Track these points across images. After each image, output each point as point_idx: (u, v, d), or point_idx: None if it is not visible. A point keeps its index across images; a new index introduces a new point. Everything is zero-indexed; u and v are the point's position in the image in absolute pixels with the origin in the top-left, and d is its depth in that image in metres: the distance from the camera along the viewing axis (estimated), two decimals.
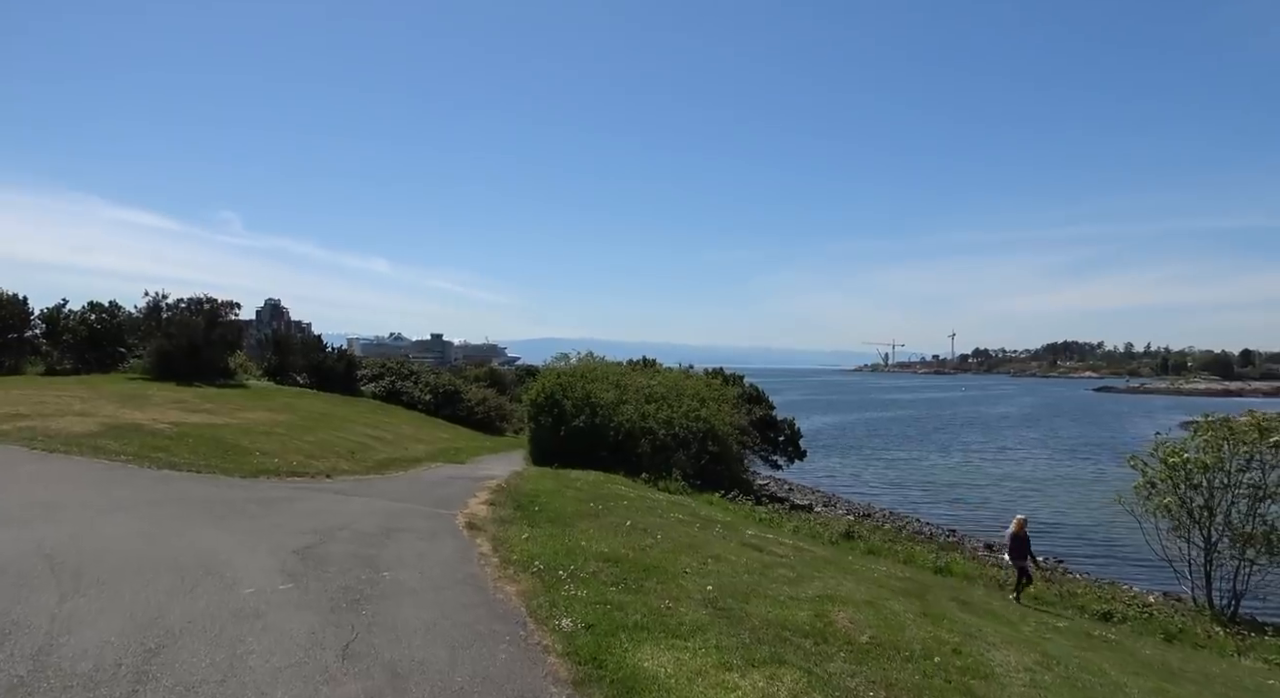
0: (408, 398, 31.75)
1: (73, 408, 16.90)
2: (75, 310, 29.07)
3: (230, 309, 29.69)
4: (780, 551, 11.69)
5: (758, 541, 12.15)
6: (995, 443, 57.87)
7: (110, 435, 13.99)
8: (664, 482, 20.27)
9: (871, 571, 11.95)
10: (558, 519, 10.15)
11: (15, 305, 27.66)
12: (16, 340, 28.25)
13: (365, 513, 9.57)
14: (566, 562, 7.28)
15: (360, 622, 5.35)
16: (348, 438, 19.06)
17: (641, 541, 8.98)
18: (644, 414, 22.01)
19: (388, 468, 16.01)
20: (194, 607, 5.43)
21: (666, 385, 24.26)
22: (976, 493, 35.41)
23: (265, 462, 13.77)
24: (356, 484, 12.82)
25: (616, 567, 7.28)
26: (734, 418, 24.52)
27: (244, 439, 15.65)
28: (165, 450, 13.43)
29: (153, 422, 16.02)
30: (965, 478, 40.04)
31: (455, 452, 22.04)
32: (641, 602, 6.08)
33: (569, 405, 21.43)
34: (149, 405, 18.74)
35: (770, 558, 10.16)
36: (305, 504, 9.90)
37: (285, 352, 33.62)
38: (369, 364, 34.98)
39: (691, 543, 9.52)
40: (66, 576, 5.98)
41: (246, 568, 6.52)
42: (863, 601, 7.33)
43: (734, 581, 7.38)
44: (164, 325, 27.89)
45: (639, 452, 21.18)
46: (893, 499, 33.73)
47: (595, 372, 23.66)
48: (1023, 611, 11.74)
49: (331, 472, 14.00)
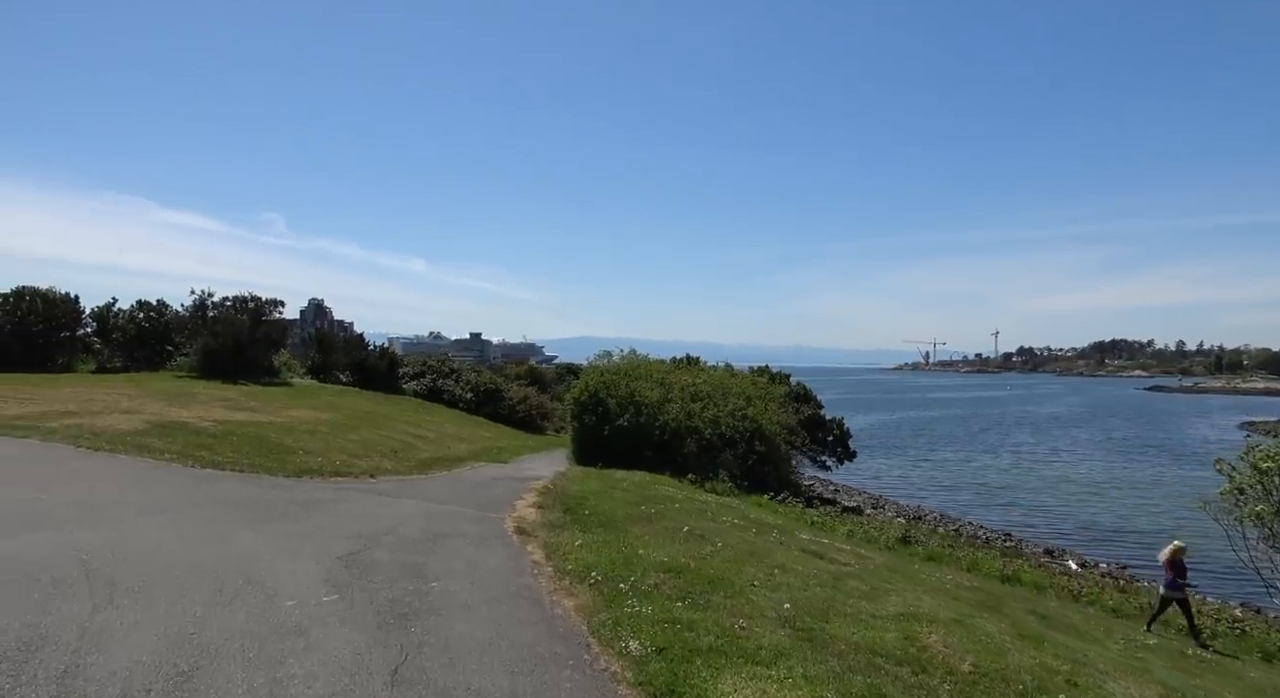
0: (449, 396, 31.59)
1: (119, 406, 16.89)
2: (124, 309, 29.43)
3: (274, 307, 29.80)
4: (843, 558, 11.04)
5: (817, 547, 11.53)
6: (1046, 444, 56.08)
7: (155, 434, 13.85)
8: (711, 483, 19.70)
9: (939, 581, 11.25)
10: (609, 524, 9.65)
11: (67, 304, 28.05)
12: (69, 339, 28.67)
13: (410, 516, 9.17)
14: (625, 572, 6.77)
15: (409, 641, 4.89)
16: (391, 437, 18.82)
17: (700, 548, 8.43)
18: (689, 413, 21.45)
19: (431, 468, 15.68)
20: (232, 621, 5.02)
21: (712, 384, 23.67)
22: (1031, 496, 34.15)
23: (309, 461, 13.51)
24: (400, 485, 12.47)
25: (679, 578, 6.74)
26: (781, 417, 23.83)
27: (288, 438, 15.45)
28: (209, 449, 13.23)
29: (197, 420, 15.90)
30: (1018, 480, 38.72)
31: (498, 451, 21.72)
32: (712, 620, 5.53)
33: (613, 404, 20.95)
34: (194, 403, 18.71)
35: (836, 568, 9.54)
36: (349, 506, 9.54)
37: (328, 350, 33.72)
38: (410, 362, 34.93)
39: (753, 551, 8.95)
40: (100, 583, 5.63)
41: (288, 577, 6.12)
42: (949, 619, 6.69)
43: (806, 595, 6.79)
44: (210, 324, 28.08)
45: (685, 452, 20.63)
46: (943, 502, 32.69)
47: (639, 370, 23.14)
48: (1105, 625, 10.95)
49: (375, 471, 13.69)
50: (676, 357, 29.93)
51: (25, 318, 26.72)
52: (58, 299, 27.81)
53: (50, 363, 27.36)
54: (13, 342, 26.43)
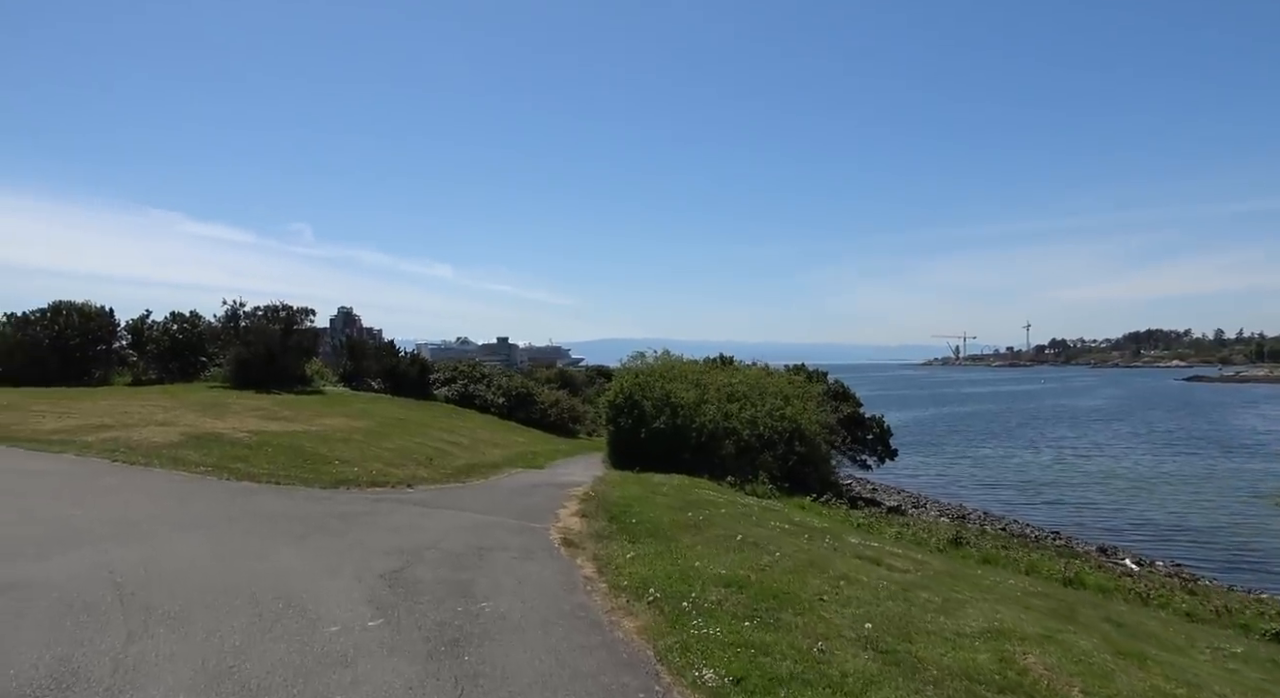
0: (480, 401, 31.37)
1: (155, 418, 16.81)
2: (158, 321, 29.57)
3: (305, 316, 29.78)
4: (900, 564, 10.52)
5: (872, 552, 11.01)
6: (1087, 438, 54.67)
7: (190, 446, 13.69)
8: (751, 485, 19.23)
9: (1004, 587, 10.69)
10: (658, 533, 9.23)
11: (103, 317, 28.26)
12: (105, 352, 28.89)
13: (452, 528, 8.82)
14: (684, 588, 6.34)
15: (464, 671, 4.51)
16: (425, 444, 18.56)
17: (758, 558, 7.98)
18: (726, 414, 20.97)
19: (467, 475, 15.38)
20: (273, 651, 4.68)
21: (748, 383, 23.15)
22: (1076, 493, 33.14)
23: (345, 471, 13.25)
24: (438, 494, 12.15)
25: (742, 593, 6.30)
26: (820, 417, 23.25)
27: (323, 447, 15.23)
28: (244, 460, 13.03)
29: (232, 431, 15.75)
30: (1062, 476, 37.65)
31: (532, 456, 21.39)
32: (787, 643, 5.09)
33: (648, 406, 20.53)
34: (229, 414, 18.61)
35: (898, 576, 9.03)
36: (388, 519, 9.22)
37: (359, 357, 33.67)
38: (441, 368, 34.78)
39: (811, 560, 8.47)
40: (135, 609, 5.32)
41: (330, 598, 5.78)
42: (1038, 635, 6.18)
43: (879, 609, 6.31)
44: (242, 334, 28.11)
45: (723, 454, 20.16)
46: (985, 500, 31.83)
47: (673, 371, 22.71)
48: (1185, 632, 10.30)
49: (412, 480, 13.40)
50: (709, 357, 29.41)
51: (62, 332, 26.94)
52: (93, 312, 28.02)
53: (87, 376, 27.56)
54: (51, 355, 26.64)
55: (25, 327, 26.73)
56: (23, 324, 26.77)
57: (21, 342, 26.38)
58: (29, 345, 26.34)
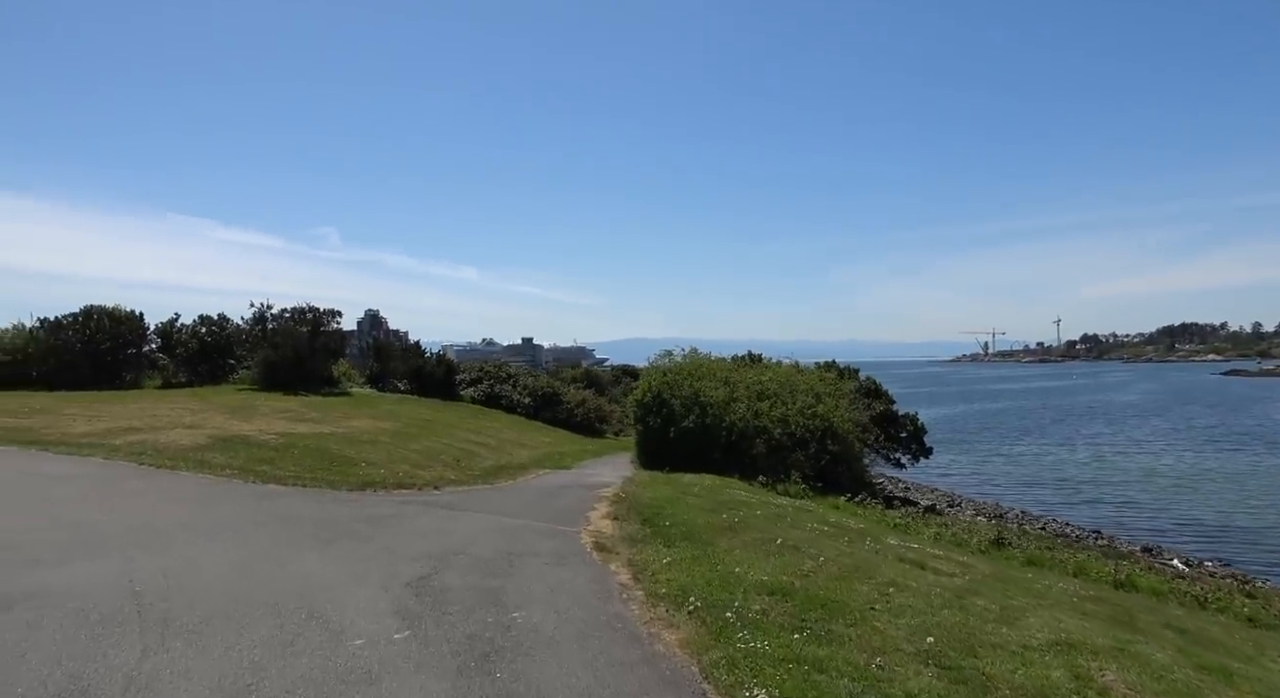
0: (506, 402, 31.17)
1: (183, 421, 16.77)
2: (187, 324, 29.75)
3: (332, 318, 29.79)
4: (946, 567, 10.08)
5: (915, 555, 10.58)
6: (1124, 434, 53.34)
7: (217, 449, 13.58)
8: (783, 485, 18.79)
9: (1056, 591, 10.20)
10: (693, 536, 8.89)
11: (133, 322, 28.48)
12: (135, 355, 29.12)
13: (480, 532, 8.54)
14: (725, 596, 5.99)
15: (496, 690, 4.19)
16: (452, 445, 18.36)
17: (799, 563, 7.60)
18: (757, 413, 20.54)
19: (495, 477, 15.13)
20: (294, 668, 4.40)
21: (778, 381, 22.68)
22: (1117, 491, 32.20)
23: (371, 473, 13.05)
24: (466, 496, 11.90)
25: (787, 602, 5.94)
26: (852, 414, 22.71)
27: (349, 449, 15.06)
28: (271, 463, 12.88)
29: (259, 433, 15.65)
30: (1100, 474, 36.64)
31: (559, 457, 21.12)
32: (843, 658, 4.72)
33: (677, 405, 20.17)
34: (256, 416, 18.54)
35: (947, 580, 8.61)
36: (415, 522, 8.96)
37: (386, 359, 33.66)
38: (467, 369, 34.65)
39: (855, 564, 8.08)
40: (153, 621, 5.09)
41: (355, 608, 5.50)
42: (1109, 647, 5.75)
43: (935, 619, 5.91)
44: (270, 336, 28.18)
45: (753, 453, 19.74)
46: (1021, 498, 31.04)
47: (701, 369, 22.30)
48: (1253, 639, 9.76)
49: (439, 483, 13.17)
50: (736, 354, 28.95)
51: (94, 336, 27.19)
52: (124, 317, 28.25)
53: (119, 379, 27.79)
54: (83, 359, 26.90)
55: (57, 331, 27.01)
56: (55, 329, 27.04)
57: (54, 346, 26.66)
58: (61, 350, 26.62)
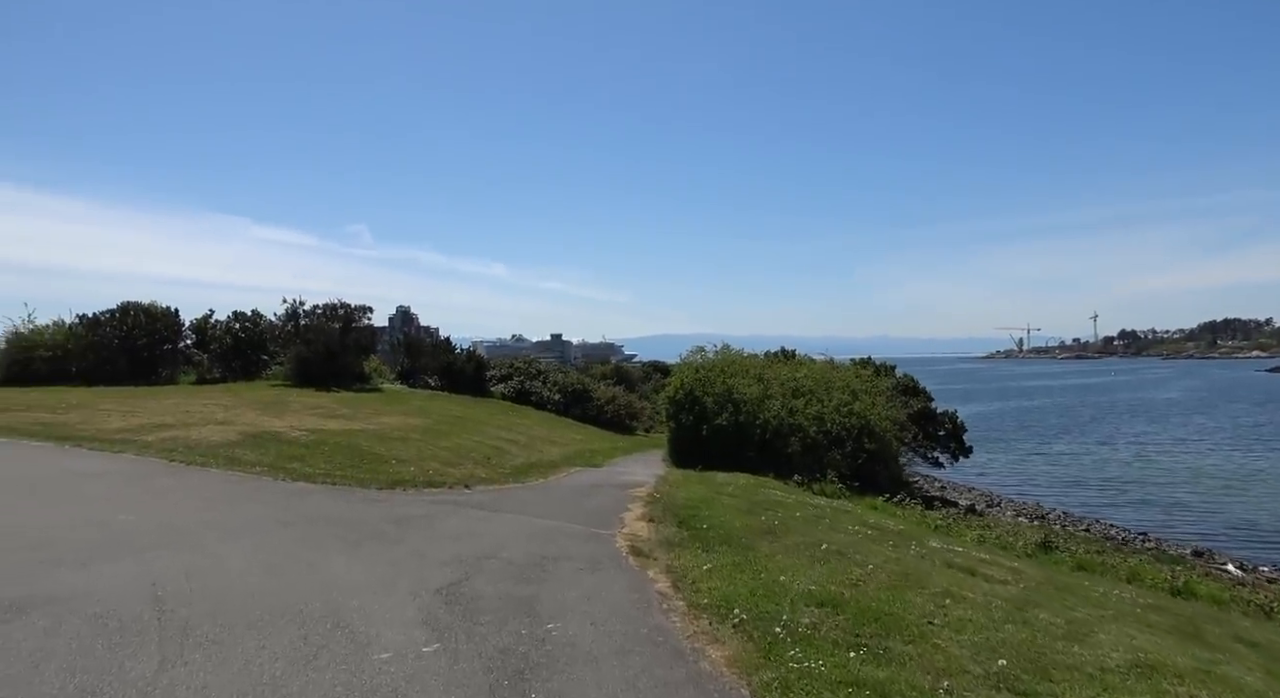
0: (537, 398, 31.00)
1: (215, 417, 16.75)
2: (220, 320, 29.97)
3: (363, 314, 29.83)
4: (996, 573, 9.61)
5: (963, 560, 10.12)
6: (1168, 433, 51.83)
7: (247, 445, 13.49)
8: (819, 484, 18.35)
9: (1115, 599, 9.68)
10: (732, 540, 8.52)
11: (168, 317, 28.73)
12: (171, 351, 29.39)
13: (513, 534, 8.26)
14: (772, 607, 5.63)
15: None
16: (483, 442, 18.17)
17: (846, 571, 7.21)
18: (792, 410, 20.10)
19: (526, 475, 14.88)
20: (316, 683, 4.13)
21: (814, 378, 22.20)
22: (1164, 492, 31.13)
23: (401, 471, 12.87)
24: (497, 496, 11.65)
25: (839, 615, 5.56)
26: (890, 412, 22.15)
27: (380, 446, 14.91)
28: (300, 460, 12.75)
29: (289, 429, 15.56)
30: (1145, 475, 35.51)
31: (590, 454, 20.86)
32: (904, 680, 4.34)
33: (710, 402, 19.81)
34: (287, 412, 18.51)
35: (1000, 588, 8.16)
36: (446, 524, 8.71)
37: (416, 355, 33.68)
38: (497, 365, 34.55)
39: (904, 572, 7.66)
40: (173, 628, 4.86)
41: (382, 618, 5.23)
42: (1192, 668, 5.29)
43: (999, 635, 5.50)
44: (302, 332, 28.28)
45: (789, 452, 19.30)
46: (1062, 499, 30.14)
47: (734, 365, 21.89)
48: None
49: (469, 481, 12.94)
50: (770, 351, 28.46)
51: (130, 332, 27.46)
52: (159, 313, 28.51)
53: (155, 375, 28.07)
54: (120, 356, 27.19)
55: (96, 328, 27.32)
56: (93, 325, 27.36)
57: (93, 343, 26.97)
58: (99, 346, 26.92)
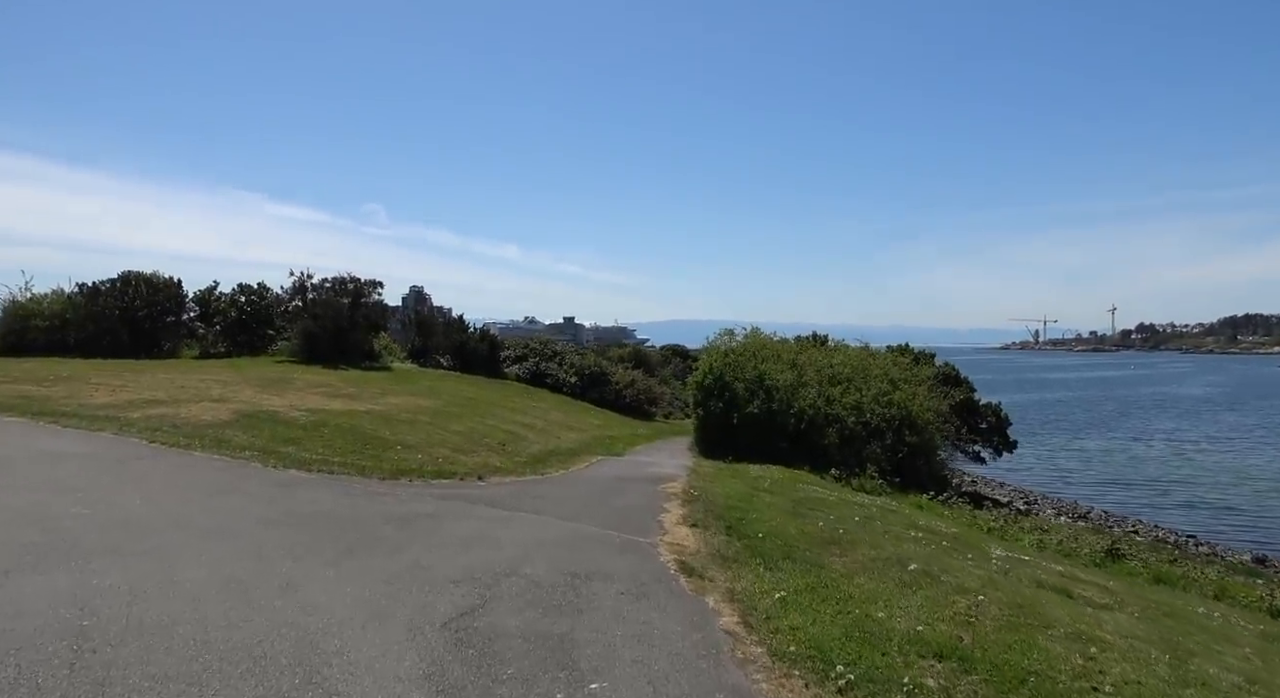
0: (552, 380, 29.69)
1: (210, 394, 15.54)
2: (225, 293, 28.79)
3: (373, 289, 28.55)
4: (1095, 595, 8.26)
5: (1049, 576, 8.76)
6: (1200, 430, 49.97)
7: (239, 426, 12.24)
8: (858, 479, 17.01)
9: (1235, 629, 8.31)
10: (794, 552, 7.20)
11: (172, 288, 27.56)
12: (174, 324, 28.26)
13: (535, 542, 6.94)
14: (879, 660, 4.31)
15: None
16: (496, 427, 16.89)
17: (949, 601, 5.86)
18: (829, 399, 18.70)
19: (545, 465, 13.60)
20: None
21: (850, 365, 20.76)
22: (1209, 494, 29.52)
23: (407, 458, 11.59)
24: (515, 491, 10.34)
25: (970, 674, 4.24)
26: (931, 403, 20.69)
27: (385, 429, 13.65)
28: (297, 443, 11.49)
29: (289, 409, 14.31)
30: (1187, 474, 33.81)
31: (610, 441, 19.57)
32: None
33: (740, 388, 18.44)
34: (290, 390, 17.28)
35: (1126, 621, 6.82)
36: (455, 527, 7.39)
37: (428, 333, 32.41)
38: (512, 345, 33.26)
39: (1016, 602, 6.31)
40: (87, 681, 3.57)
41: (371, 668, 3.92)
42: None
43: None
44: (309, 306, 27.06)
45: (825, 444, 17.92)
46: (1100, 497, 28.66)
47: (765, 350, 20.48)
48: None
49: (482, 471, 11.65)
50: (800, 335, 26.98)
51: (131, 303, 26.33)
52: (162, 284, 27.34)
53: (156, 349, 26.98)
54: (120, 327, 26.08)
55: (95, 298, 26.18)
56: (93, 295, 26.22)
57: (92, 312, 25.87)
58: (99, 316, 25.81)
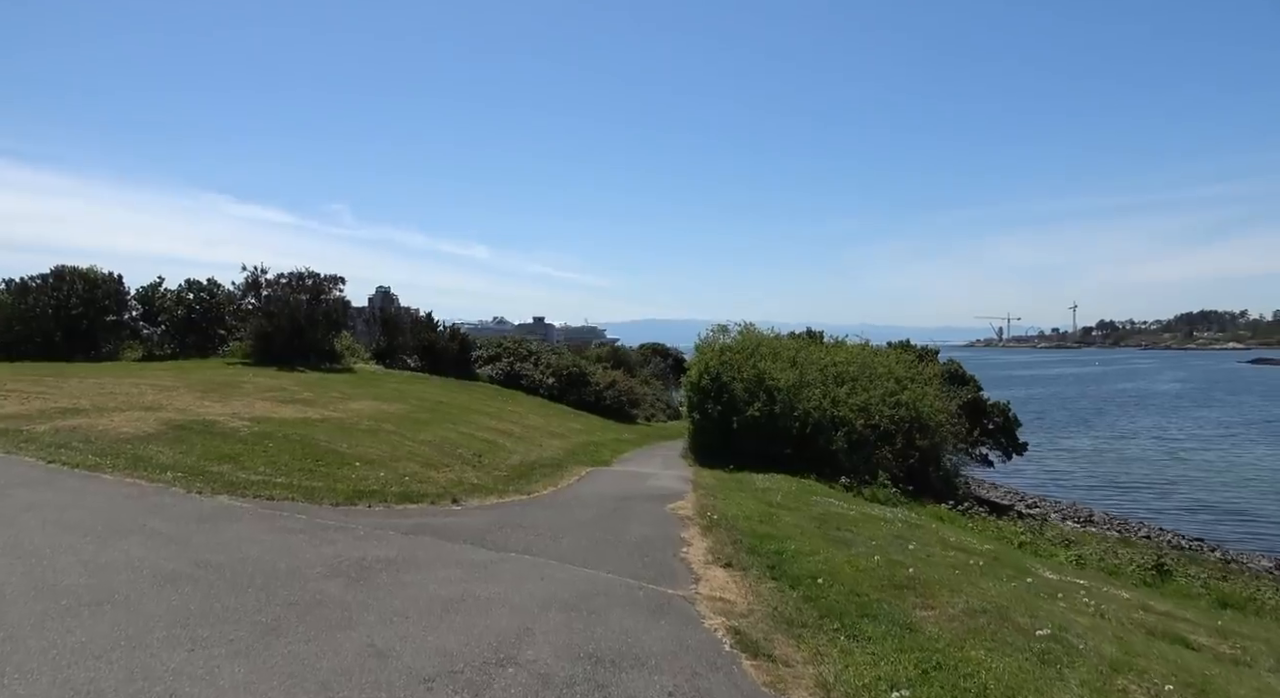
0: (528, 382, 27.81)
1: (141, 401, 13.52)
2: (172, 290, 26.48)
3: (334, 284, 26.42)
4: (1207, 641, 6.74)
5: (1159, 621, 7.22)
6: (1185, 428, 49.51)
7: (166, 440, 10.30)
8: (869, 488, 15.50)
9: None
10: (867, 605, 5.56)
11: (110, 285, 25.22)
12: (114, 324, 25.93)
13: (535, 605, 5.19)
14: None
15: None
16: (471, 435, 15.08)
17: (1121, 691, 4.26)
18: (834, 400, 17.14)
19: (529, 480, 11.84)
20: None
21: (855, 363, 19.20)
22: (1214, 494, 28.45)
23: (367, 476, 9.76)
24: (497, 517, 8.55)
25: None
26: (942, 403, 19.21)
27: (342, 441, 11.76)
28: (233, 460, 9.61)
29: (229, 418, 12.35)
30: (1184, 474, 32.78)
31: (595, 449, 17.85)
32: None
33: (740, 389, 16.82)
34: (236, 396, 15.29)
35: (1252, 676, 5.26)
36: (426, 580, 5.61)
37: (394, 332, 30.30)
38: (484, 345, 31.29)
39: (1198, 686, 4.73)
40: None
41: None
42: None
43: None
44: (264, 304, 24.90)
45: (832, 449, 16.37)
46: (1100, 500, 27.54)
47: (762, 347, 18.86)
48: None
49: (457, 491, 9.85)
50: (794, 332, 25.41)
51: (65, 301, 24.00)
52: (100, 279, 25.00)
53: (94, 350, 24.69)
54: (54, 326, 23.74)
55: (24, 295, 23.82)
56: (21, 292, 23.86)
57: (20, 312, 23.50)
58: (27, 316, 23.46)
